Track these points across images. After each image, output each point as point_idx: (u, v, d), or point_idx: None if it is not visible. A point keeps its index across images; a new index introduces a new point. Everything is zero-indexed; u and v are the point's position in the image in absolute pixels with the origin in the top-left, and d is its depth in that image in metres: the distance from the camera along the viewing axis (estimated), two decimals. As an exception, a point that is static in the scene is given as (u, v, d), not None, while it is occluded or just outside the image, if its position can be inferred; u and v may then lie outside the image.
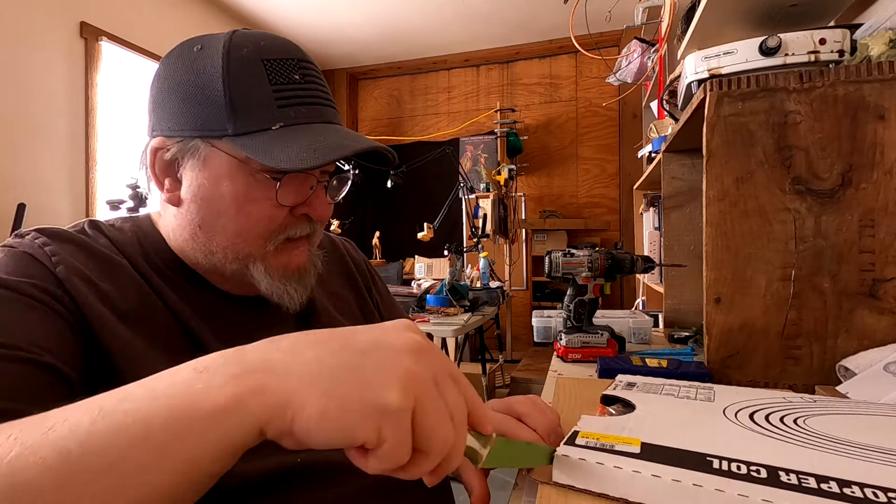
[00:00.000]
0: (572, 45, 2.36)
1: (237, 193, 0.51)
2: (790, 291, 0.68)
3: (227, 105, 0.49)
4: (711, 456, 0.38)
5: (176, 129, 0.51)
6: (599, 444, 0.41)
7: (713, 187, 0.71)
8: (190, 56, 0.51)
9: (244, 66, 0.50)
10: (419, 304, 2.30)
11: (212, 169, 0.51)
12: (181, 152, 0.51)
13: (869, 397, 0.57)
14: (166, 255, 0.56)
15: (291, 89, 0.51)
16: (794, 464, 0.37)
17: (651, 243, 1.87)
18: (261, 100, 0.49)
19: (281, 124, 0.50)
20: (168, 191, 0.53)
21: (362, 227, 4.61)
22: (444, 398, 0.30)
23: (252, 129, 0.49)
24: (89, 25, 2.74)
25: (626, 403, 0.52)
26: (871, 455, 0.39)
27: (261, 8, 3.64)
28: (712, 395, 0.55)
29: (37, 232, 0.50)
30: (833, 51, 0.74)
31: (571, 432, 0.43)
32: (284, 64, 0.51)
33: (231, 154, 0.50)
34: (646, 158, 2.07)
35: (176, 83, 0.51)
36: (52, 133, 2.57)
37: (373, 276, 0.79)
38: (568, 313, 0.97)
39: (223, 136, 0.49)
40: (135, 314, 0.49)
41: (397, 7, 3.63)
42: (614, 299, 4.04)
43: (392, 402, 0.28)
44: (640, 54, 2.20)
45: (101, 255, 0.51)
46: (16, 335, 0.41)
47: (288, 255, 0.55)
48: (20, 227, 2.24)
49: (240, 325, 0.56)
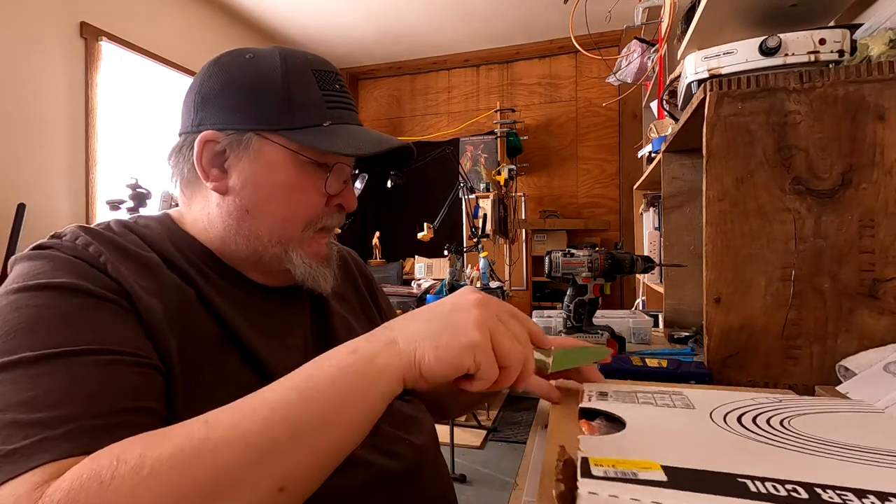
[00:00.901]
0: (572, 46, 2.36)
1: (289, 181, 0.57)
2: (790, 291, 0.68)
3: (285, 102, 0.56)
4: (742, 477, 0.36)
5: (229, 123, 0.56)
6: (620, 473, 0.36)
7: (713, 187, 0.71)
8: (243, 61, 0.58)
9: (299, 72, 0.57)
10: (419, 304, 2.30)
11: (265, 159, 0.56)
12: (232, 144, 0.56)
13: (869, 397, 0.57)
14: (197, 249, 0.58)
15: (335, 95, 0.59)
16: (824, 477, 0.36)
17: (651, 243, 1.87)
18: (313, 100, 0.57)
19: (330, 122, 0.57)
20: (214, 179, 0.57)
21: (362, 227, 4.61)
22: (509, 328, 0.45)
23: (306, 125, 0.56)
24: (89, 25, 2.74)
25: (610, 417, 0.50)
26: (879, 459, 0.40)
27: (261, 8, 3.63)
28: (688, 401, 0.54)
29: (76, 231, 0.51)
30: (833, 51, 0.74)
31: (581, 459, 0.39)
32: (328, 75, 0.60)
33: (285, 145, 0.56)
34: (646, 158, 2.07)
35: (230, 82, 0.57)
36: (52, 133, 2.57)
37: (375, 286, 0.83)
38: (568, 313, 0.97)
39: (278, 130, 0.56)
40: (176, 310, 0.51)
41: (397, 7, 3.63)
42: (614, 299, 4.04)
43: (475, 337, 0.42)
44: (640, 54, 2.20)
45: (136, 255, 0.52)
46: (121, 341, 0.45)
47: (318, 244, 0.61)
48: (20, 227, 2.24)
49: (267, 314, 0.60)
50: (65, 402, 0.40)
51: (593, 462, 0.38)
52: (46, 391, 0.40)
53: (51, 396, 0.40)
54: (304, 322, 0.64)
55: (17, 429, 0.38)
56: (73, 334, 0.43)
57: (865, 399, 0.57)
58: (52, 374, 0.41)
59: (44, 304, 0.44)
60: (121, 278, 0.48)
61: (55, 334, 0.43)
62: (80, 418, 0.39)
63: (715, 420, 0.49)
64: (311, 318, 0.66)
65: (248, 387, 0.52)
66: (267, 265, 0.60)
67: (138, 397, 0.44)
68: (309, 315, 0.65)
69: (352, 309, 0.73)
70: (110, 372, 0.43)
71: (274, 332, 0.59)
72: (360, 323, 0.72)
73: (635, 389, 0.59)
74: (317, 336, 0.64)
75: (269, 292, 0.62)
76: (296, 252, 0.59)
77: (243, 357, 0.54)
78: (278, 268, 0.59)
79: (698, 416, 0.50)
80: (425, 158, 3.13)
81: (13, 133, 2.40)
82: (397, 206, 4.51)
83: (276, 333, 0.59)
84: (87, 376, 0.42)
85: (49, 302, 0.44)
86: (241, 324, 0.55)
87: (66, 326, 0.43)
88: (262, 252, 0.58)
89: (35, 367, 0.41)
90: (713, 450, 0.41)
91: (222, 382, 0.51)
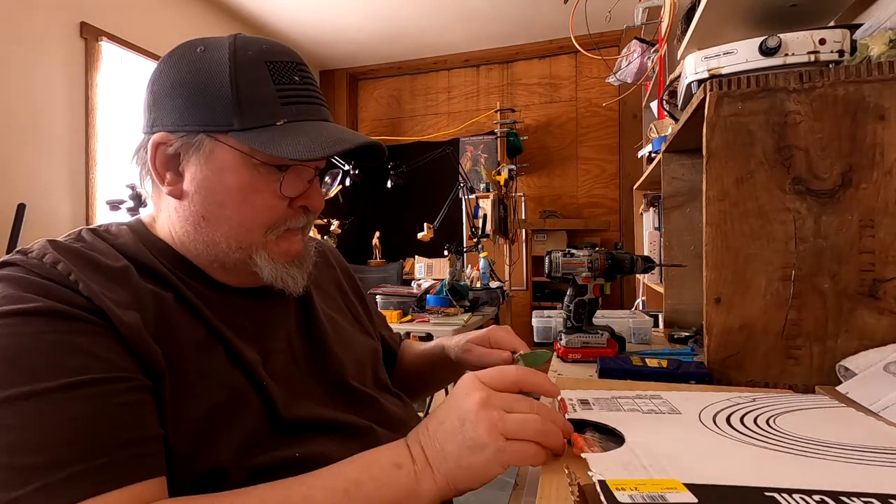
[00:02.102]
0: (572, 46, 2.36)
1: (242, 185, 0.53)
2: (790, 291, 0.68)
3: (233, 101, 0.51)
4: (769, 490, 0.35)
5: (179, 125, 0.53)
6: (648, 497, 0.35)
7: (713, 187, 0.71)
8: (194, 56, 0.54)
9: (249, 66, 0.52)
10: (419, 304, 2.30)
11: (216, 162, 0.53)
12: (184, 147, 0.53)
13: (869, 397, 0.57)
14: (170, 254, 0.56)
15: (292, 89, 0.54)
16: (840, 484, 0.36)
17: (651, 243, 1.87)
18: (265, 97, 0.52)
19: (285, 120, 0.53)
20: (169, 184, 0.55)
21: (362, 227, 4.61)
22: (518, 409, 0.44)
23: (258, 125, 0.52)
24: (89, 25, 2.74)
25: (600, 428, 0.49)
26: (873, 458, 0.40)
27: (261, 8, 3.63)
28: (671, 405, 0.54)
29: (44, 247, 0.49)
30: (833, 51, 0.74)
31: (599, 483, 0.37)
32: (285, 66, 0.54)
33: (236, 147, 0.52)
34: (646, 158, 2.07)
35: (180, 80, 0.53)
36: (52, 133, 2.57)
37: (355, 280, 0.83)
38: (568, 313, 0.97)
39: (229, 131, 0.52)
40: (155, 318, 0.49)
41: (397, 7, 3.63)
42: (614, 299, 4.04)
43: (490, 451, 0.42)
44: (640, 54, 2.20)
45: (108, 267, 0.50)
46: (108, 365, 0.43)
47: (288, 243, 0.58)
48: (20, 227, 2.24)
49: (249, 316, 0.58)
50: (63, 442, 0.38)
51: (614, 486, 0.36)
52: (40, 431, 0.38)
53: (46, 436, 0.38)
54: (288, 322, 0.62)
55: (13, 474, 0.36)
56: (58, 365, 0.41)
57: (865, 399, 0.57)
58: (42, 412, 0.39)
59: (20, 332, 0.42)
60: (93, 296, 0.45)
61: (39, 366, 0.40)
62: (83, 459, 0.38)
63: (705, 423, 0.49)
64: (296, 317, 0.64)
65: (238, 388, 0.52)
66: (233, 270, 0.57)
67: (140, 426, 0.43)
68: (293, 314, 0.64)
69: (336, 305, 0.73)
70: (106, 403, 0.41)
71: (256, 336, 0.57)
72: (346, 319, 0.72)
73: (613, 394, 0.58)
74: (303, 336, 0.63)
75: (246, 294, 0.60)
76: (260, 255, 0.55)
77: (230, 358, 0.53)
78: (245, 271, 0.57)
79: (688, 422, 0.50)
80: (425, 158, 3.13)
81: (13, 133, 2.40)
82: (397, 206, 4.51)
83: (258, 337, 0.57)
84: (81, 411, 0.40)
85: (26, 330, 0.42)
86: (222, 327, 0.54)
87: (49, 357, 0.41)
88: (223, 258, 0.56)
89: (22, 405, 0.39)
90: (723, 459, 0.41)
91: (212, 386, 0.50)
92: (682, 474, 0.38)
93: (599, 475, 0.38)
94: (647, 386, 0.66)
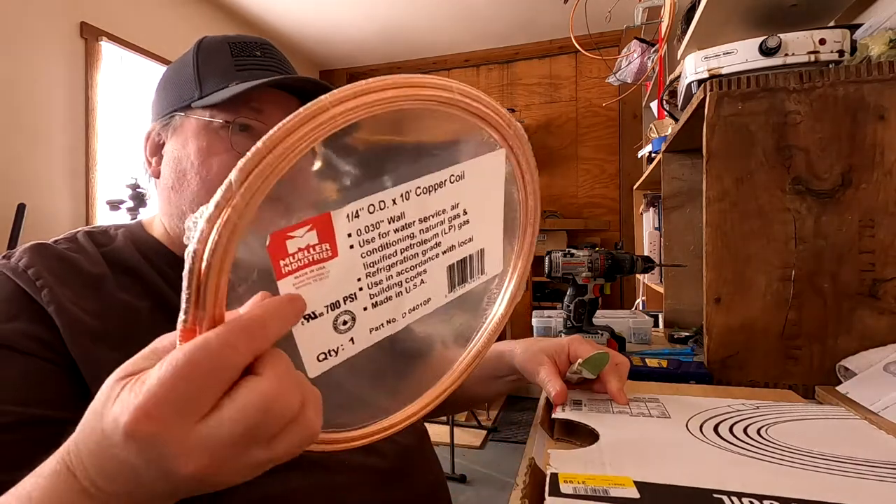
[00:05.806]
0: (572, 46, 2.36)
1: (200, 148, 0.55)
2: (790, 291, 0.68)
3: (195, 77, 0.56)
4: (718, 492, 0.35)
5: (161, 112, 0.58)
6: (591, 490, 0.36)
7: (713, 187, 0.71)
8: (177, 59, 0.61)
9: (211, 47, 0.59)
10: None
11: (183, 133, 0.56)
12: (164, 130, 0.58)
13: (869, 397, 0.57)
14: (161, 252, 0.57)
15: (251, 60, 0.58)
16: (799, 491, 0.35)
17: (651, 243, 1.87)
18: (223, 68, 0.57)
19: (237, 82, 0.55)
20: (153, 167, 0.59)
21: (362, 227, 4.60)
22: None
23: (214, 90, 0.55)
24: (89, 25, 2.74)
25: (584, 428, 0.49)
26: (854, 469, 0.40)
27: (261, 8, 3.63)
28: (664, 409, 0.54)
29: (25, 250, 0.49)
30: (833, 51, 0.74)
31: (550, 475, 0.38)
32: (247, 45, 0.59)
33: (196, 116, 0.56)
34: (646, 158, 2.07)
35: (163, 80, 0.60)
36: (52, 133, 2.57)
37: None
38: (568, 313, 0.97)
39: (191, 103, 0.56)
40: (119, 330, 0.48)
41: (397, 7, 3.63)
42: (614, 299, 4.04)
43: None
44: (640, 54, 2.20)
45: (87, 274, 0.50)
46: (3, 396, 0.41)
47: None
48: (20, 227, 2.24)
49: None
50: None
51: (563, 478, 0.37)
52: None
53: None
54: None
55: None
56: None
57: (865, 399, 0.57)
58: None
59: None
60: (53, 300, 0.45)
61: None
62: None
63: (691, 430, 0.48)
64: None
65: None
66: None
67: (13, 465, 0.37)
68: None
69: None
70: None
71: None
72: None
73: (609, 397, 0.58)
74: None
75: None
76: None
77: None
78: None
79: (674, 427, 0.49)
80: (425, 158, 3.13)
81: (13, 133, 2.40)
82: (397, 206, 4.51)
83: None
84: None
85: None
86: None
87: None
88: None
89: None
90: (689, 463, 0.41)
91: None
92: (637, 473, 0.38)
93: (554, 469, 0.39)
94: (649, 388, 0.66)
